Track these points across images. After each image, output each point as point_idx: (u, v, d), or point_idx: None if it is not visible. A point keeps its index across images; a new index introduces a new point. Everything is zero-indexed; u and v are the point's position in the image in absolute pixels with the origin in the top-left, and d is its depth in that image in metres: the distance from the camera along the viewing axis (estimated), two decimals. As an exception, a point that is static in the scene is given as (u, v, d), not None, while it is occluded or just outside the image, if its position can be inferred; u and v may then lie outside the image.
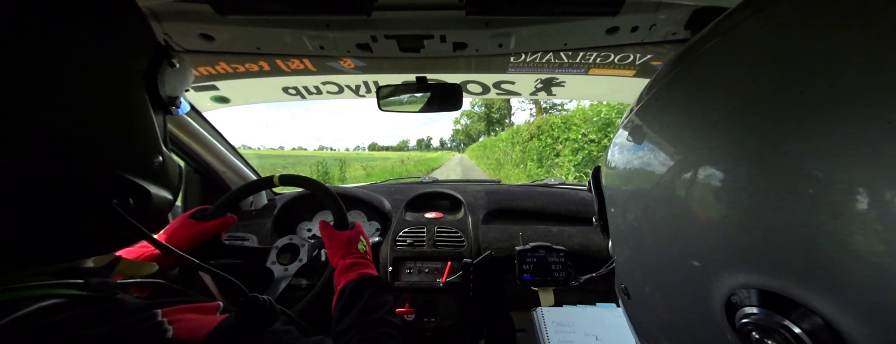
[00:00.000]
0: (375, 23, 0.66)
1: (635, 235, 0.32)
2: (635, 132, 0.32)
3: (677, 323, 0.29)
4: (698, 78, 0.26)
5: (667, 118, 0.28)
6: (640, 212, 0.31)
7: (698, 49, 0.27)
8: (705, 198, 0.23)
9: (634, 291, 0.35)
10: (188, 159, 1.16)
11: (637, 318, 0.36)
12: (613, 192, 0.36)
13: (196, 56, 0.79)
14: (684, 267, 0.26)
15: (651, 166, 0.28)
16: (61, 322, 0.25)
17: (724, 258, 0.22)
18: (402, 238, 1.12)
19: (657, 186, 0.27)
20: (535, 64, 0.86)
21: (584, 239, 1.11)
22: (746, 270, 0.21)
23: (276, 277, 0.85)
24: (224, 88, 1.03)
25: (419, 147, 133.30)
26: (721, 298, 0.23)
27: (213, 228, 0.70)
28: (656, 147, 0.28)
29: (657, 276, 0.30)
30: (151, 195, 0.34)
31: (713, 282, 0.23)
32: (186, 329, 0.29)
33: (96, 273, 0.33)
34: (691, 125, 0.25)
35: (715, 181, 0.22)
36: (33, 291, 0.27)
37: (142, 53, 0.33)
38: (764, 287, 0.20)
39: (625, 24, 0.67)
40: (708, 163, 0.23)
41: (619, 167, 0.34)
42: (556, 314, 0.81)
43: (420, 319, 1.03)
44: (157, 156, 0.34)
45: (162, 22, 0.64)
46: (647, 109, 0.31)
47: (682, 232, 0.25)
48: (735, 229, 0.21)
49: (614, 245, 0.39)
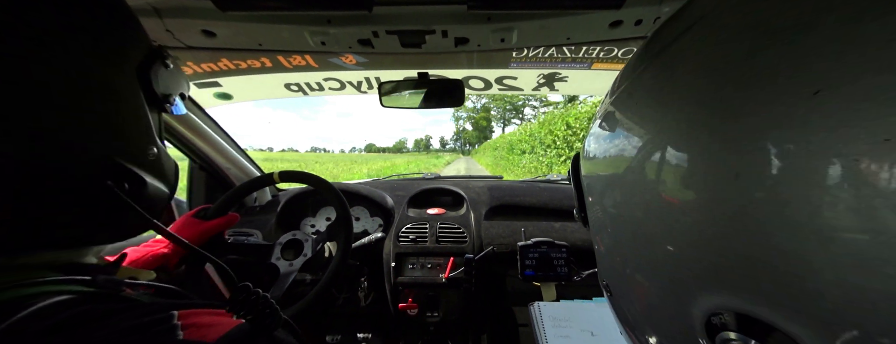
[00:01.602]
0: (377, 18, 0.65)
1: (614, 232, 0.32)
2: (608, 120, 0.32)
3: (660, 331, 0.28)
4: (669, 59, 0.26)
5: (637, 103, 0.28)
6: (616, 204, 0.30)
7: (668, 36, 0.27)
8: (671, 215, 0.22)
9: (616, 290, 0.35)
10: (193, 156, 1.16)
11: (619, 309, 0.36)
12: (591, 181, 0.36)
13: (198, 52, 0.79)
14: (661, 281, 0.25)
15: (625, 152, 0.28)
16: (73, 318, 0.25)
17: (697, 276, 0.21)
18: (405, 234, 1.12)
19: (629, 171, 0.27)
20: (537, 59, 0.85)
21: (587, 234, 1.11)
22: (721, 291, 0.20)
23: (282, 273, 0.86)
24: (227, 85, 1.03)
25: (418, 148, 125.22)
26: (701, 319, 0.22)
27: (216, 226, 0.71)
28: (629, 134, 0.28)
29: (637, 279, 0.30)
30: (147, 184, 0.35)
31: (691, 300, 0.22)
32: (198, 333, 0.29)
33: (102, 270, 0.34)
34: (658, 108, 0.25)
35: (680, 196, 0.21)
36: (41, 288, 0.27)
37: (135, 51, 0.34)
38: (740, 310, 0.19)
39: (628, 18, 0.66)
40: (669, 175, 0.22)
41: (596, 156, 0.34)
42: (552, 309, 0.81)
43: (423, 314, 1.04)
44: (151, 147, 0.36)
45: (164, 18, 0.65)
46: (620, 99, 0.31)
47: (657, 239, 0.25)
48: (703, 244, 0.20)
49: (594, 237, 0.38)
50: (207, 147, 1.14)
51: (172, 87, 0.39)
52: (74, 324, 0.25)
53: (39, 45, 0.26)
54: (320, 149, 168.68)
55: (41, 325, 0.24)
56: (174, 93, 0.40)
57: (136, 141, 0.35)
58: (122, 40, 0.33)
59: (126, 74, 0.33)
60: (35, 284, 0.27)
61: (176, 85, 0.40)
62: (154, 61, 0.36)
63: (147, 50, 0.36)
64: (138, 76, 0.34)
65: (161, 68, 0.37)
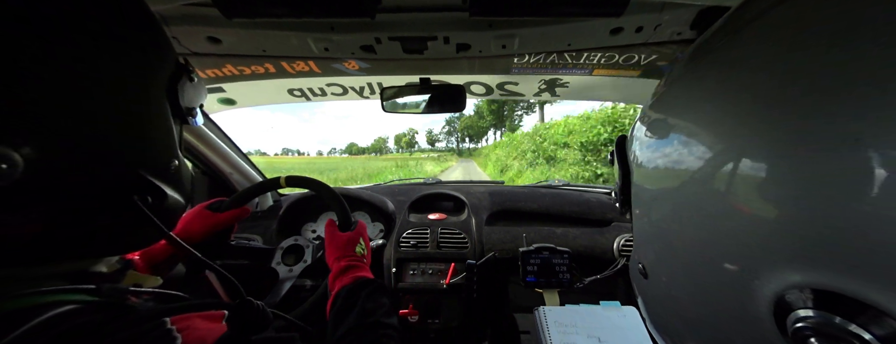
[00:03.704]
0: (379, 25, 0.66)
1: (668, 209, 0.29)
2: (656, 127, 0.30)
3: (708, 321, 0.26)
4: (732, 59, 0.24)
5: (696, 106, 0.26)
6: (666, 199, 0.28)
7: (727, 34, 0.25)
8: (749, 190, 0.20)
9: (655, 277, 0.33)
10: (195, 160, 1.17)
11: (654, 306, 0.34)
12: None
13: (203, 58, 0.80)
14: (719, 263, 0.23)
15: (682, 163, 0.26)
16: (75, 329, 0.25)
17: (771, 254, 0.20)
18: (406, 239, 1.12)
19: (688, 183, 0.25)
20: (538, 65, 0.86)
21: (589, 241, 1.10)
22: (800, 267, 0.18)
23: (281, 278, 0.85)
24: (230, 90, 1.04)
25: (399, 146, 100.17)
26: (768, 299, 0.20)
27: (228, 218, 0.71)
28: (688, 139, 0.26)
29: (686, 269, 0.28)
30: (167, 196, 0.35)
31: (758, 280, 0.21)
32: (195, 337, 0.29)
33: (107, 278, 0.34)
34: (730, 111, 0.22)
35: (761, 172, 0.20)
36: (48, 297, 0.27)
37: (165, 67, 0.36)
38: (823, 287, 0.18)
39: (629, 25, 0.66)
40: (752, 152, 0.20)
41: (645, 163, 0.32)
42: (558, 314, 0.80)
43: (424, 320, 1.03)
44: (173, 160, 0.37)
45: (170, 25, 0.66)
46: (668, 102, 0.29)
47: (719, 225, 0.23)
48: (787, 221, 0.18)
49: (638, 219, 0.37)
50: (210, 152, 1.15)
51: (195, 100, 0.40)
52: (75, 336, 0.25)
53: (85, 56, 0.27)
54: (293, 151, 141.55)
55: (47, 335, 0.24)
56: (196, 105, 0.41)
57: (162, 154, 0.36)
58: (156, 54, 0.35)
59: (158, 88, 0.35)
60: (42, 294, 0.27)
61: (199, 97, 0.41)
62: (181, 75, 0.37)
63: (174, 64, 0.37)
64: (167, 90, 0.36)
65: (187, 82, 0.38)
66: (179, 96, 0.36)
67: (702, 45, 0.29)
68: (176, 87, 0.36)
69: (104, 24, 0.29)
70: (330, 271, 0.65)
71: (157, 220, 0.33)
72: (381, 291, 0.57)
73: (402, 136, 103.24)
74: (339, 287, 0.58)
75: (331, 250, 0.68)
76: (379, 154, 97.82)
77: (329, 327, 0.53)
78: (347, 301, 0.54)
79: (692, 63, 0.29)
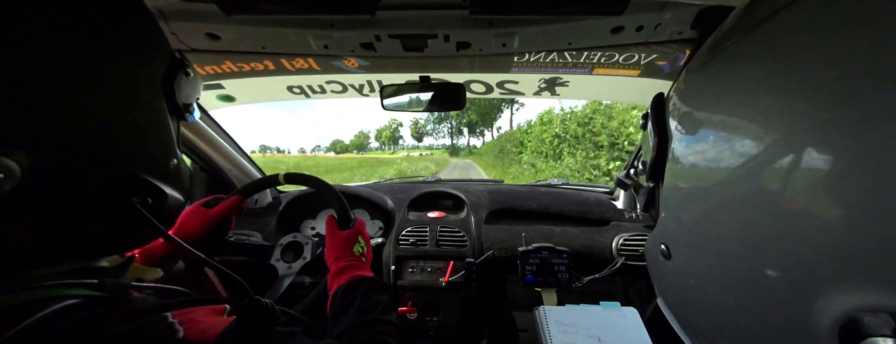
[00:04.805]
0: (379, 22, 0.66)
1: (691, 216, 0.27)
2: (686, 122, 0.27)
3: (745, 326, 0.23)
4: (782, 42, 0.21)
5: (738, 98, 0.23)
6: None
7: (764, 18, 0.23)
8: (813, 190, 0.17)
9: (681, 274, 0.30)
10: (194, 157, 1.17)
11: (676, 299, 0.31)
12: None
13: (202, 55, 0.79)
14: (767, 269, 0.21)
15: (724, 158, 0.23)
16: (78, 323, 0.25)
17: (840, 264, 0.17)
18: (405, 237, 1.12)
19: (729, 181, 0.23)
20: (538, 63, 0.86)
21: (588, 240, 1.10)
22: (879, 287, 0.15)
23: (280, 275, 0.86)
24: (229, 87, 1.04)
25: (382, 143, 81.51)
26: (833, 320, 0.17)
27: (222, 210, 0.70)
28: (733, 134, 0.23)
29: (721, 272, 0.25)
30: (167, 196, 0.35)
31: (820, 297, 0.18)
32: (196, 330, 0.30)
33: (110, 273, 0.34)
34: (785, 101, 0.19)
35: (829, 165, 0.17)
36: (51, 292, 0.27)
37: (160, 63, 0.35)
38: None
39: (630, 24, 0.66)
40: (815, 141, 0.17)
41: (682, 158, 0.29)
42: (558, 313, 0.80)
43: (422, 318, 1.03)
44: (172, 158, 0.36)
45: (169, 21, 0.65)
46: (700, 95, 0.27)
47: (770, 228, 0.20)
48: (859, 230, 0.16)
49: (662, 211, 0.33)
50: (209, 149, 1.15)
51: (192, 96, 0.39)
52: (81, 328, 0.25)
53: (77, 53, 0.26)
54: (271, 149, 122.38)
55: (51, 329, 0.24)
56: (193, 101, 0.40)
57: (161, 154, 0.35)
58: (150, 50, 0.33)
59: (154, 86, 0.34)
60: (44, 289, 0.27)
61: (195, 92, 0.40)
62: (177, 71, 0.36)
63: (169, 59, 0.35)
64: (163, 86, 0.34)
65: (183, 77, 0.36)
66: (176, 92, 0.35)
67: (738, 30, 0.26)
68: (172, 82, 0.35)
69: (95, 16, 0.28)
70: (329, 270, 0.65)
71: (156, 221, 0.32)
72: (378, 288, 0.57)
73: (383, 130, 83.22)
74: (336, 287, 0.58)
75: (330, 249, 0.68)
76: (360, 152, 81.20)
77: (328, 326, 0.53)
78: (345, 300, 0.54)
79: (725, 53, 0.27)
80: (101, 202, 0.29)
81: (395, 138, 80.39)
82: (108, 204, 0.30)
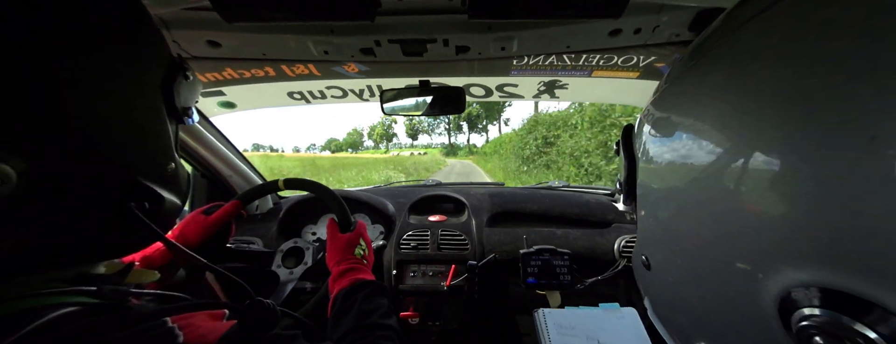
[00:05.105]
0: (379, 28, 0.66)
1: (675, 202, 0.29)
2: (661, 124, 0.30)
3: (714, 319, 0.26)
4: (741, 52, 0.23)
5: (703, 103, 0.25)
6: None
7: (732, 28, 0.25)
8: (759, 187, 0.20)
9: (660, 272, 0.32)
10: (195, 164, 1.17)
11: (658, 300, 0.34)
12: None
13: (203, 62, 0.80)
14: (727, 261, 0.23)
15: (689, 160, 0.26)
16: (76, 330, 0.25)
17: (780, 252, 0.20)
18: (406, 241, 1.12)
19: (696, 180, 0.25)
20: (537, 67, 0.86)
21: (589, 242, 1.10)
22: (808, 266, 0.18)
23: (282, 281, 0.85)
24: (230, 94, 1.04)
25: (374, 141, 76.12)
26: (774, 297, 0.20)
27: (221, 216, 0.69)
28: (695, 137, 0.26)
29: (692, 268, 0.28)
30: (164, 200, 0.35)
31: (765, 278, 0.21)
32: (196, 334, 0.29)
33: (109, 280, 0.34)
34: (739, 106, 0.22)
35: (772, 167, 0.19)
36: (49, 300, 0.27)
37: (159, 66, 0.34)
38: (829, 286, 0.18)
39: (627, 27, 0.67)
40: (763, 147, 0.20)
41: (651, 159, 0.32)
42: (558, 316, 0.80)
43: (424, 322, 1.03)
44: (170, 162, 0.36)
45: (170, 29, 0.66)
46: (673, 99, 0.29)
47: (727, 223, 0.23)
48: (797, 220, 0.18)
49: (641, 209, 0.36)
50: (210, 155, 1.15)
51: (191, 99, 0.39)
52: (80, 336, 0.25)
53: (74, 57, 0.26)
54: (265, 147, 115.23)
55: (49, 337, 0.24)
56: (191, 104, 0.39)
57: (159, 158, 0.34)
58: (150, 53, 0.33)
59: (152, 89, 0.33)
60: (42, 296, 0.27)
61: (194, 96, 0.39)
62: (176, 74, 0.35)
63: (168, 62, 0.35)
64: (162, 91, 0.34)
65: (182, 81, 0.36)
66: (175, 95, 0.35)
67: (705, 40, 0.29)
68: (171, 86, 0.34)
69: (94, 20, 0.27)
70: (330, 274, 0.65)
71: (154, 226, 0.32)
72: (379, 291, 0.57)
73: (375, 127, 75.85)
74: (337, 290, 0.58)
75: (331, 254, 0.68)
76: (354, 151, 74.89)
77: (328, 330, 0.52)
78: (345, 304, 0.54)
79: (694, 60, 0.29)
80: (98, 207, 0.29)
81: (389, 135, 74.72)
82: (105, 209, 0.30)
